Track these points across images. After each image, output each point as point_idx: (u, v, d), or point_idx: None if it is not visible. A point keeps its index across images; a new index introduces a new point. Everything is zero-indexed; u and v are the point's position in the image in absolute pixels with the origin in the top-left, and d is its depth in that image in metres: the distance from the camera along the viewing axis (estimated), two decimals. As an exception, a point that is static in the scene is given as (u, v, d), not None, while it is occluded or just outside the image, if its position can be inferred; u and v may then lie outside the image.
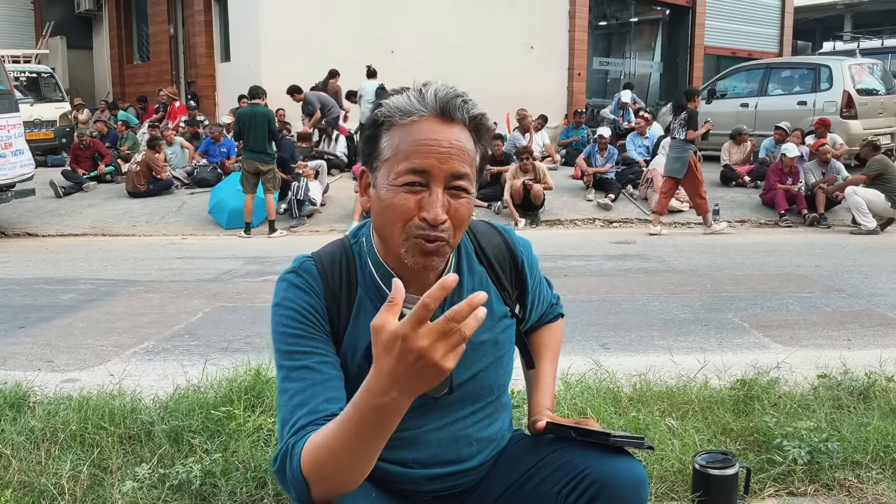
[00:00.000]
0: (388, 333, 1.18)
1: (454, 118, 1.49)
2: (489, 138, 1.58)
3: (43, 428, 3.01)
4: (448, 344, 1.18)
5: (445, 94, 1.49)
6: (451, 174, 1.46)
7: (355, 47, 15.57)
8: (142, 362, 4.76)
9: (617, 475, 1.56)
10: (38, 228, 11.23)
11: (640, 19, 22.91)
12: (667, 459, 2.69)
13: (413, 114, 1.47)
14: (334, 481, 1.35)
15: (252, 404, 3.16)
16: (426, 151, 1.45)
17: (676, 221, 11.40)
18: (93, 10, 22.31)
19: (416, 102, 1.48)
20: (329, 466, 1.33)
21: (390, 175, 1.48)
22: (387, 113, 1.50)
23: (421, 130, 1.47)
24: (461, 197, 1.49)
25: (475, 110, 1.52)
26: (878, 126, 13.55)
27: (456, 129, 1.49)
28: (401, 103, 1.49)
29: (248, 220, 10.71)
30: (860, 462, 2.74)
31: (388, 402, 1.23)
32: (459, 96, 1.50)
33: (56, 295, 6.93)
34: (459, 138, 1.48)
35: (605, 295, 6.74)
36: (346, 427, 1.29)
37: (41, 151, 15.72)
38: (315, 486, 1.36)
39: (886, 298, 6.45)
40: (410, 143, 1.46)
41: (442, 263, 1.54)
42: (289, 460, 1.39)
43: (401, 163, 1.46)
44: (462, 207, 1.49)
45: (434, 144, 1.46)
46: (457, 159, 1.47)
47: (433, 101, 1.48)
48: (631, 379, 3.65)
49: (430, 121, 1.47)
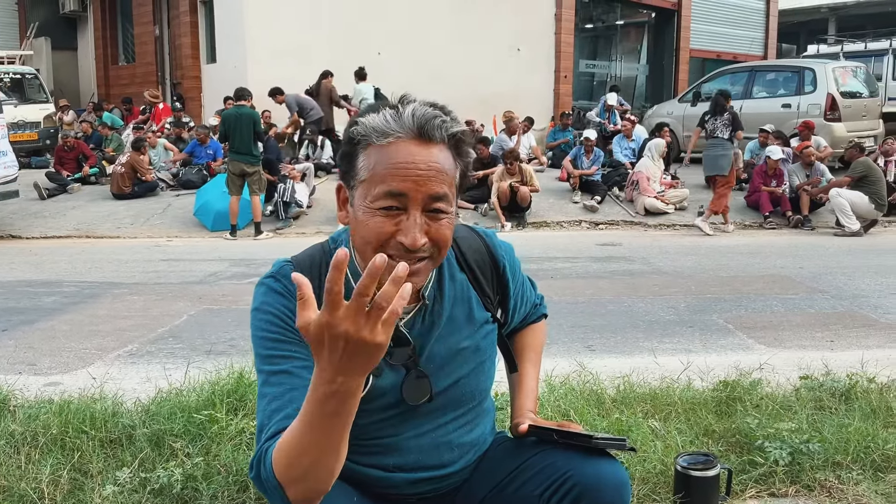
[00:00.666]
0: (314, 327, 1.17)
1: (432, 138, 1.45)
2: (468, 154, 1.55)
3: (23, 432, 2.98)
4: (372, 320, 1.15)
5: (423, 114, 1.45)
6: (428, 196, 1.43)
7: (342, 49, 15.55)
8: (125, 365, 4.74)
9: (599, 477, 1.56)
10: (22, 230, 11.14)
11: (625, 22, 23.00)
12: (649, 461, 2.70)
13: (390, 135, 1.44)
14: (307, 481, 1.34)
15: (235, 408, 3.14)
16: (403, 175, 1.42)
17: (661, 223, 11.44)
18: (78, 10, 22.16)
19: (392, 123, 1.44)
20: (298, 465, 1.32)
21: (367, 197, 1.44)
22: (363, 132, 1.46)
23: (398, 153, 1.43)
24: (440, 218, 1.46)
25: (455, 128, 1.48)
26: (861, 129, 13.66)
27: (434, 150, 1.45)
28: (377, 123, 1.45)
29: (234, 222, 10.67)
30: (841, 463, 2.75)
31: (337, 388, 1.22)
32: (438, 116, 1.46)
33: (39, 297, 6.88)
34: (438, 159, 1.45)
35: (590, 297, 6.76)
36: (307, 420, 1.28)
37: (25, 153, 15.59)
38: (290, 489, 1.35)
39: (869, 300, 6.50)
40: (387, 166, 1.43)
41: (421, 283, 1.52)
42: (262, 465, 1.38)
43: (377, 186, 1.43)
44: (442, 228, 1.47)
45: (412, 168, 1.42)
46: (434, 181, 1.43)
47: (410, 122, 1.44)
48: (615, 381, 3.66)
49: (407, 143, 1.44)
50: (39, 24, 21.85)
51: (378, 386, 1.57)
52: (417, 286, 1.50)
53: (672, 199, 11.89)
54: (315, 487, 1.36)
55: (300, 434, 1.30)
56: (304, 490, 1.35)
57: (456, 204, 1.53)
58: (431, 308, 1.63)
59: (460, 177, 1.52)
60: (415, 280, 1.46)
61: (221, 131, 10.89)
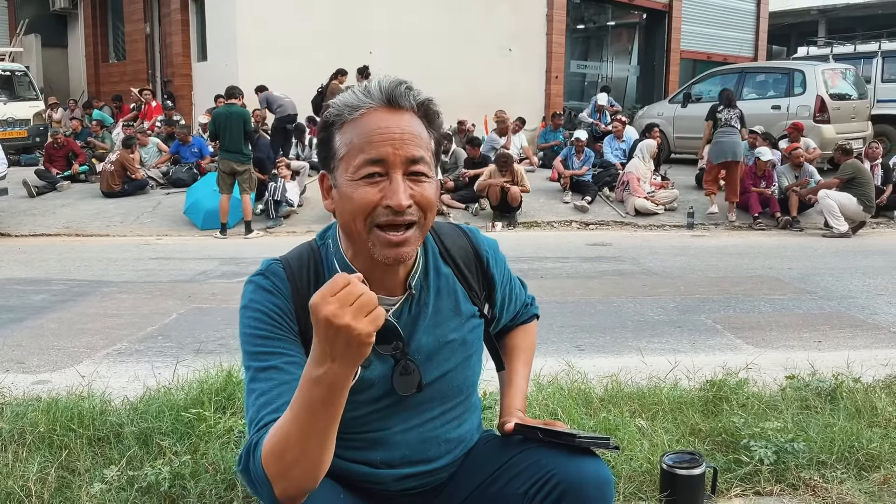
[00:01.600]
0: (311, 307, 1.26)
1: (402, 105, 1.51)
2: (440, 123, 1.59)
3: (10, 430, 2.98)
4: (354, 309, 1.24)
5: (389, 83, 1.51)
6: (407, 159, 1.48)
7: (333, 48, 15.53)
8: (114, 364, 4.73)
9: (582, 476, 1.57)
10: (11, 228, 11.09)
11: (617, 23, 23.06)
12: (635, 460, 2.72)
13: (361, 107, 1.49)
14: (293, 474, 1.35)
15: (223, 406, 3.14)
16: (380, 140, 1.47)
17: (651, 224, 11.48)
18: (68, 7, 22.05)
19: (362, 96, 1.50)
20: (286, 456, 1.34)
21: (348, 170, 1.49)
22: (336, 112, 1.52)
23: (371, 121, 1.49)
24: (422, 181, 1.50)
25: (421, 96, 1.54)
26: (850, 130, 13.72)
27: (406, 116, 1.51)
28: (347, 99, 1.51)
29: (224, 220, 10.65)
30: (825, 462, 2.77)
31: (325, 374, 1.27)
32: (403, 83, 1.52)
33: (28, 296, 6.86)
34: (411, 124, 1.51)
35: (580, 297, 6.78)
36: (296, 408, 1.32)
37: (14, 150, 15.53)
38: (277, 483, 1.36)
39: (857, 301, 6.54)
40: (363, 136, 1.48)
41: (411, 253, 1.53)
42: (252, 457, 1.40)
43: (357, 156, 1.47)
44: (426, 190, 1.50)
45: (386, 132, 1.47)
46: (411, 144, 1.48)
47: (378, 92, 1.50)
48: (603, 380, 3.68)
49: (378, 111, 1.49)
50: (29, 21, 21.74)
51: (367, 377, 1.58)
52: (408, 256, 1.52)
53: (662, 200, 11.93)
54: (302, 482, 1.37)
55: (289, 423, 1.33)
56: (290, 485, 1.36)
57: (436, 173, 1.57)
58: (418, 298, 1.64)
59: (435, 145, 1.56)
60: (405, 250, 1.50)
61: (211, 130, 10.88)
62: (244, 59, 15.60)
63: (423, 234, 1.55)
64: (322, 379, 1.28)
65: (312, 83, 14.27)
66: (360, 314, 1.24)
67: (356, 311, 1.24)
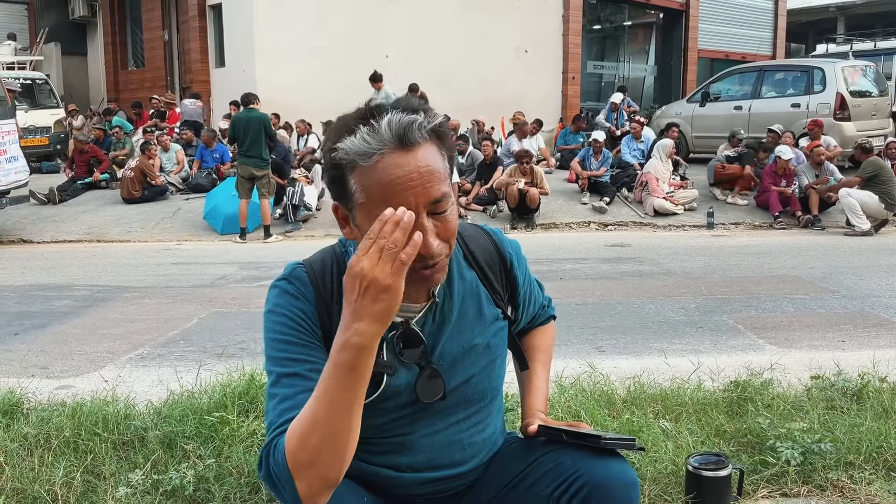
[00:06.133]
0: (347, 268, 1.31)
1: (415, 143, 1.43)
2: (450, 138, 1.54)
3: (36, 434, 3.01)
4: (384, 262, 1.28)
5: (398, 124, 1.42)
6: (430, 201, 1.44)
7: (350, 52, 15.59)
8: (136, 368, 4.76)
9: (608, 477, 1.56)
10: (33, 235, 11.20)
11: (633, 23, 22.99)
12: (660, 461, 2.70)
13: (373, 154, 1.41)
14: (319, 461, 1.35)
15: (246, 409, 3.16)
16: (401, 191, 1.40)
17: (671, 224, 11.42)
18: (87, 16, 22.28)
19: (372, 141, 1.41)
20: (312, 440, 1.34)
21: (370, 219, 1.39)
22: (345, 158, 1.44)
23: (388, 169, 1.41)
24: (445, 216, 1.47)
25: (433, 122, 1.47)
26: (871, 128, 13.59)
27: (420, 153, 1.43)
28: (357, 147, 1.42)
29: (244, 225, 10.70)
30: (853, 463, 2.74)
31: (352, 336, 1.30)
32: (414, 120, 1.43)
33: (51, 301, 6.92)
34: (426, 160, 1.43)
35: (600, 298, 6.75)
36: (321, 385, 1.35)
37: (36, 158, 15.69)
38: (301, 477, 1.36)
39: (880, 299, 6.47)
40: (382, 187, 1.41)
41: (443, 277, 1.54)
42: (273, 456, 1.40)
43: (378, 207, 1.37)
44: (449, 223, 1.48)
45: (405, 180, 1.41)
46: (430, 184, 1.43)
47: (389, 134, 1.41)
48: (625, 381, 3.66)
49: (391, 155, 1.41)
50: (49, 30, 21.98)
51: (392, 385, 1.58)
52: (440, 280, 1.53)
53: (681, 200, 11.85)
54: (325, 474, 1.36)
55: (314, 403, 1.35)
56: (313, 478, 1.36)
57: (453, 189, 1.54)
58: (442, 306, 1.64)
59: (449, 162, 1.52)
60: (438, 276, 1.51)
61: (230, 134, 10.93)
62: (262, 65, 15.69)
63: (449, 257, 1.53)
64: (349, 342, 1.31)
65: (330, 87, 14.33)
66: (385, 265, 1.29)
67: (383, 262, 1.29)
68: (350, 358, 1.31)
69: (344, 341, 1.32)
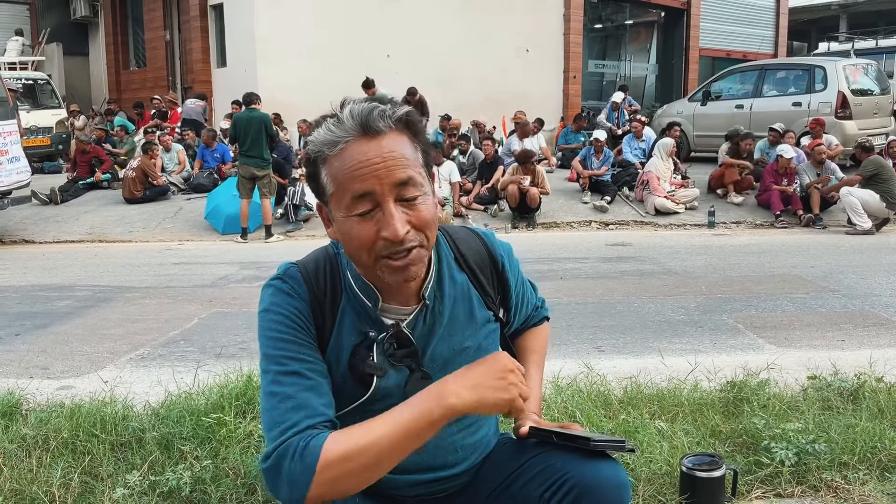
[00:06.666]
0: (495, 354, 1.50)
1: (379, 130, 1.45)
2: (423, 132, 1.56)
3: (35, 435, 3.02)
4: (520, 385, 1.44)
5: (361, 110, 1.45)
6: (394, 184, 1.45)
7: (351, 52, 15.60)
8: (136, 369, 4.78)
9: (597, 478, 1.57)
10: (35, 235, 11.23)
11: (634, 22, 22.95)
12: (655, 462, 2.70)
13: (338, 142, 1.45)
14: (349, 481, 1.39)
15: (243, 410, 3.17)
16: (362, 175, 1.44)
17: (672, 223, 11.42)
18: (89, 16, 22.29)
19: (336, 130, 1.45)
20: (356, 461, 1.38)
21: (340, 208, 1.48)
22: (316, 150, 1.48)
23: (351, 155, 1.44)
24: (416, 204, 1.48)
25: (398, 112, 1.49)
26: (872, 126, 13.56)
27: (385, 140, 1.46)
28: (323, 137, 1.47)
29: (245, 225, 10.72)
30: (847, 463, 2.75)
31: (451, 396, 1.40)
32: (375, 107, 1.46)
33: (52, 302, 6.94)
34: (391, 148, 1.46)
35: (600, 297, 6.76)
36: (391, 420, 1.40)
37: (38, 158, 15.72)
38: (322, 485, 1.38)
39: (881, 299, 6.47)
40: (345, 172, 1.45)
41: (420, 270, 1.53)
42: (296, 456, 1.40)
43: (344, 194, 1.45)
44: (421, 212, 1.48)
45: (368, 165, 1.44)
46: (394, 168, 1.45)
47: (351, 122, 1.45)
48: (622, 382, 3.66)
49: (356, 143, 1.45)
50: (51, 30, 22.01)
51: (382, 387, 1.59)
52: (417, 274, 1.52)
53: (682, 199, 11.86)
54: (344, 491, 1.41)
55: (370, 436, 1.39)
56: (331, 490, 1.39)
57: (431, 183, 1.54)
58: (432, 308, 1.64)
59: (423, 155, 1.53)
60: (413, 269, 1.50)
61: (231, 134, 10.94)
62: (263, 65, 15.70)
63: (429, 249, 1.54)
64: (446, 399, 1.39)
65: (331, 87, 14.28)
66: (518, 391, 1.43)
67: (521, 390, 1.44)
68: (437, 412, 1.39)
69: (440, 394, 1.40)
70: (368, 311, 1.60)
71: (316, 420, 1.45)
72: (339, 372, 1.59)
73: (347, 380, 1.59)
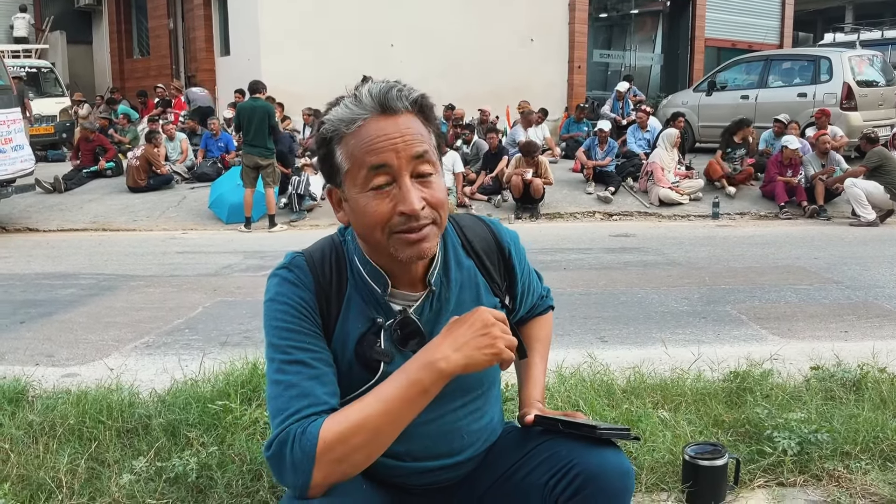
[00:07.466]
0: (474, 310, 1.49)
1: (397, 109, 1.49)
2: (436, 118, 1.60)
3: (41, 422, 3.04)
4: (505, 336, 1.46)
5: (379, 89, 1.49)
6: (411, 157, 1.47)
7: (355, 41, 15.57)
8: (141, 357, 4.80)
9: (602, 466, 1.58)
10: (39, 223, 11.25)
11: (640, 11, 22.84)
12: (658, 451, 2.72)
13: (356, 120, 1.48)
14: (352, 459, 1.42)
15: (248, 398, 3.19)
16: (380, 148, 1.46)
17: (676, 214, 11.41)
18: (92, 4, 22.27)
19: (355, 108, 1.49)
20: (354, 439, 1.40)
21: (356, 184, 1.49)
22: (332, 128, 1.51)
23: (369, 131, 1.47)
24: (431, 182, 1.50)
25: (414, 94, 1.52)
26: (878, 118, 13.52)
27: (401, 119, 1.49)
28: (341, 114, 1.50)
29: (249, 214, 10.73)
30: (850, 453, 2.75)
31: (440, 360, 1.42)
32: (393, 86, 1.50)
33: (56, 290, 6.96)
34: (408, 125, 1.49)
35: (603, 288, 6.76)
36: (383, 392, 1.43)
37: (41, 147, 15.73)
38: (325, 467, 1.40)
39: (884, 290, 6.47)
40: (364, 146, 1.47)
41: (434, 248, 1.54)
42: (296, 443, 1.42)
43: (361, 168, 1.47)
44: (435, 190, 1.51)
45: (385, 139, 1.47)
46: (412, 143, 1.48)
47: (370, 100, 1.48)
48: (626, 371, 3.67)
49: (374, 120, 1.48)
50: (55, 18, 22.00)
51: (389, 372, 1.60)
52: (430, 251, 1.54)
53: (686, 190, 11.83)
54: (348, 471, 1.43)
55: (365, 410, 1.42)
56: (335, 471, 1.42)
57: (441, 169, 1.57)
58: (439, 294, 1.65)
59: (435, 138, 1.56)
60: (426, 245, 1.52)
61: (236, 123, 10.95)
62: (266, 53, 15.69)
63: (441, 229, 1.56)
64: (435, 364, 1.42)
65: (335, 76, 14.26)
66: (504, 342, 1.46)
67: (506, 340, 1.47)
68: (427, 379, 1.41)
69: (428, 361, 1.42)
70: (377, 296, 1.61)
71: (319, 408, 1.46)
72: (346, 359, 1.60)
73: (354, 366, 1.61)
